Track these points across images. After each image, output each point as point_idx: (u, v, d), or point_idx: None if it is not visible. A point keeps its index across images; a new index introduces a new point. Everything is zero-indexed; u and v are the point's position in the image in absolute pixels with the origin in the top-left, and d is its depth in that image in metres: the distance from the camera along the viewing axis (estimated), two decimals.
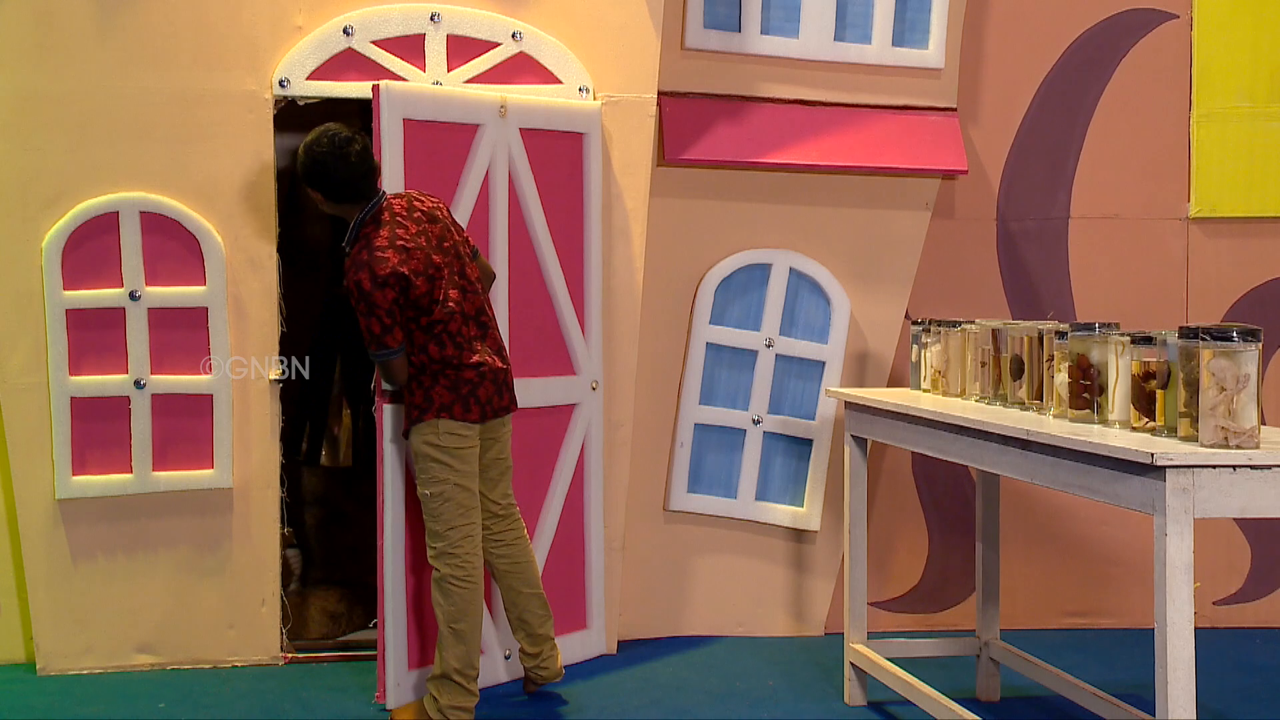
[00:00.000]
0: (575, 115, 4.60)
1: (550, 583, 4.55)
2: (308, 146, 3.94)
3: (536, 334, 4.54)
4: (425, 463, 3.98)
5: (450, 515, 3.97)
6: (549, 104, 4.54)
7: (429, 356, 3.97)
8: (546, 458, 4.57)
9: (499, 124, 4.45)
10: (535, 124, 4.51)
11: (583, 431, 4.65)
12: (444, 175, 4.34)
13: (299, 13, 4.58)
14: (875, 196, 4.99)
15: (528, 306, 4.52)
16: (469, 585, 3.97)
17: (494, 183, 4.44)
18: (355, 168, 3.92)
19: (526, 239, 4.52)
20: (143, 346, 4.51)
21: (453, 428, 3.97)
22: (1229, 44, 5.10)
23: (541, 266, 4.54)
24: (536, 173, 4.52)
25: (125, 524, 4.55)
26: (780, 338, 4.96)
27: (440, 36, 4.60)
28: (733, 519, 5.00)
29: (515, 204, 4.49)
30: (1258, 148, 5.12)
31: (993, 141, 5.14)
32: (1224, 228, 5.16)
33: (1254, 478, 2.83)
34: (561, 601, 4.61)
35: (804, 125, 4.93)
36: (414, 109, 4.28)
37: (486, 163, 4.42)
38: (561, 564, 4.63)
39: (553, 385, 4.57)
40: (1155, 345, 3.16)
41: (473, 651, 3.98)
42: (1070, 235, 5.16)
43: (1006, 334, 3.82)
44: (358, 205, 3.98)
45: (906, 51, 4.98)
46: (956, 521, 5.12)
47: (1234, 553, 5.17)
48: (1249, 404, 2.89)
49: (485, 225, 4.43)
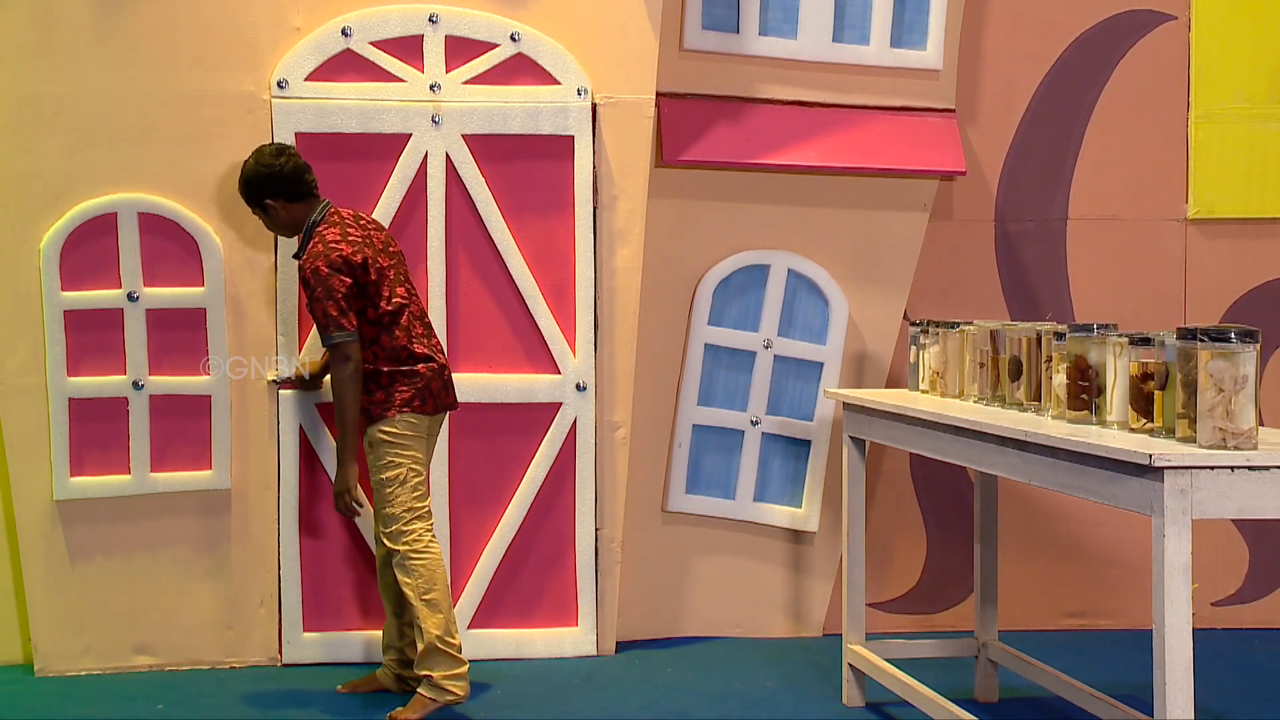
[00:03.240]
0: (551, 116, 4.64)
1: (509, 577, 4.65)
2: (253, 164, 4.17)
3: (500, 334, 4.65)
4: (381, 449, 4.13)
5: (405, 498, 4.11)
6: (508, 107, 4.59)
7: (380, 348, 4.12)
8: (515, 454, 4.60)
9: (432, 132, 4.51)
10: (488, 129, 4.59)
11: (565, 431, 4.67)
12: (357, 187, 4.51)
13: (297, 14, 4.58)
14: (873, 197, 4.99)
15: (484, 310, 4.65)
16: (427, 555, 4.10)
17: (429, 191, 4.57)
18: (297, 160, 4.18)
19: (482, 244, 4.61)
20: (141, 347, 4.51)
21: (410, 419, 4.12)
22: (1227, 45, 5.10)
23: (510, 271, 4.63)
24: (495, 178, 4.60)
25: (123, 525, 4.55)
26: (779, 338, 4.96)
27: (439, 38, 4.60)
28: (731, 520, 5.00)
29: (461, 211, 4.60)
30: (1256, 149, 5.12)
31: (991, 143, 5.14)
32: (1222, 229, 5.17)
33: (1252, 479, 2.83)
34: (530, 597, 4.68)
35: (802, 126, 4.93)
36: (314, 120, 4.46)
37: (412, 172, 4.54)
38: (528, 560, 4.70)
39: (528, 384, 4.61)
40: (1153, 346, 3.16)
41: (449, 620, 4.09)
42: (1068, 236, 5.16)
43: (1005, 335, 3.82)
44: (308, 204, 4.18)
45: (905, 53, 4.98)
46: (955, 522, 5.12)
47: (1232, 554, 5.17)
48: (1247, 405, 2.89)
49: (416, 234, 4.57)
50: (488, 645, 4.67)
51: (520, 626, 4.71)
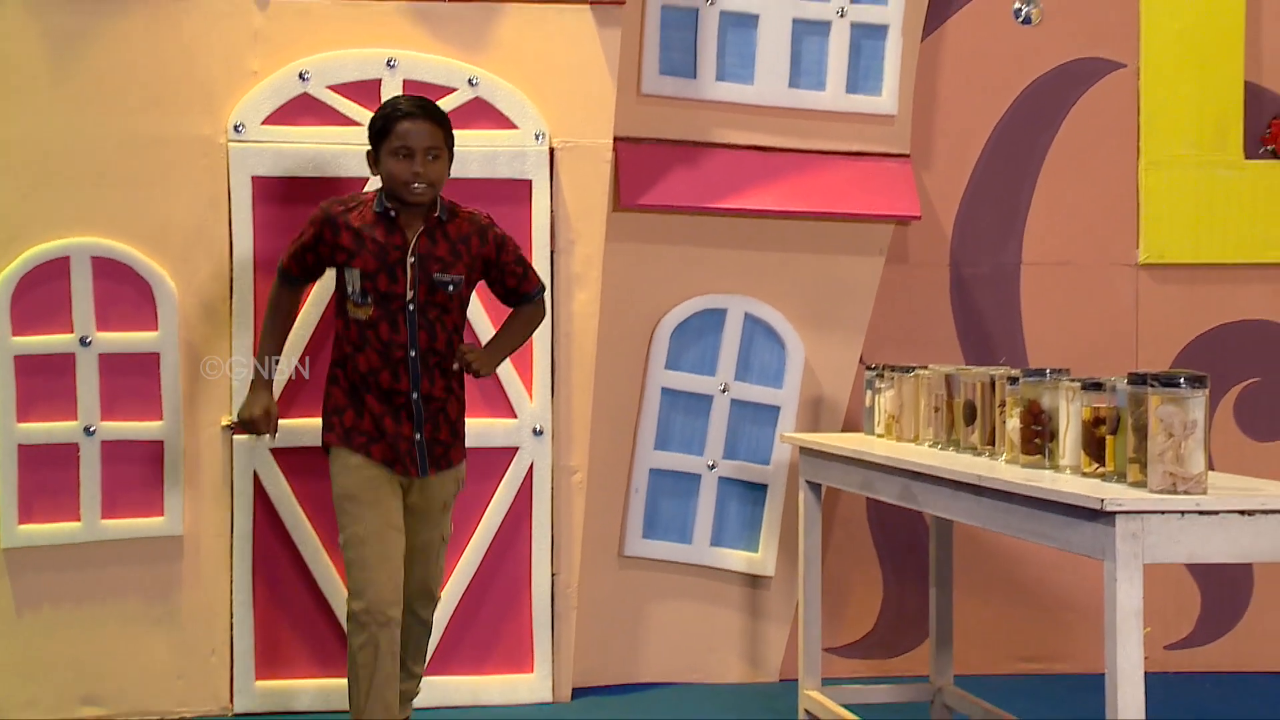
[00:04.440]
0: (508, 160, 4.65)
1: (465, 624, 4.62)
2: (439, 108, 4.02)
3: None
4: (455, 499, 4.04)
5: None
6: (465, 151, 4.54)
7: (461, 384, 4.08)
8: (471, 499, 4.59)
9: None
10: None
11: (521, 476, 4.66)
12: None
13: (255, 58, 4.58)
14: (829, 242, 5.02)
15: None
16: None
17: None
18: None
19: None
20: (93, 393, 4.47)
21: None
22: (1175, 93, 5.17)
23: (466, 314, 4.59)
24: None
25: (73, 573, 4.49)
26: (735, 383, 4.97)
27: (396, 82, 4.61)
28: (688, 564, 4.99)
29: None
30: (1204, 195, 5.18)
31: (945, 188, 5.19)
32: (1172, 274, 5.22)
33: (1201, 523, 2.85)
34: (486, 643, 4.65)
35: (759, 171, 4.96)
36: (270, 164, 4.44)
37: None
38: (483, 606, 4.67)
39: (484, 428, 4.59)
40: (1105, 391, 3.19)
41: None
42: (1022, 281, 5.21)
43: (959, 379, 3.85)
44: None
45: (860, 99, 5.02)
46: (911, 566, 5.13)
47: (1184, 597, 5.20)
48: (1196, 450, 2.92)
49: None
50: (441, 693, 4.63)
51: (475, 673, 4.68)
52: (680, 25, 4.94)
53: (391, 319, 3.86)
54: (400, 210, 3.88)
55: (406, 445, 3.88)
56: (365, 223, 3.89)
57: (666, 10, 4.91)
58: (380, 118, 3.91)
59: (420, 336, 3.88)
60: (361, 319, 3.86)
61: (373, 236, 3.87)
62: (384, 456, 3.88)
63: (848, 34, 4.99)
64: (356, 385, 3.89)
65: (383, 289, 3.86)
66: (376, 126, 3.90)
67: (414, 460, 3.89)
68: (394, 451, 3.87)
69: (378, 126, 3.90)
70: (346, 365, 3.90)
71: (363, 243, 3.87)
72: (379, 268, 3.86)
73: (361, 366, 3.87)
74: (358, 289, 3.85)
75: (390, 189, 3.88)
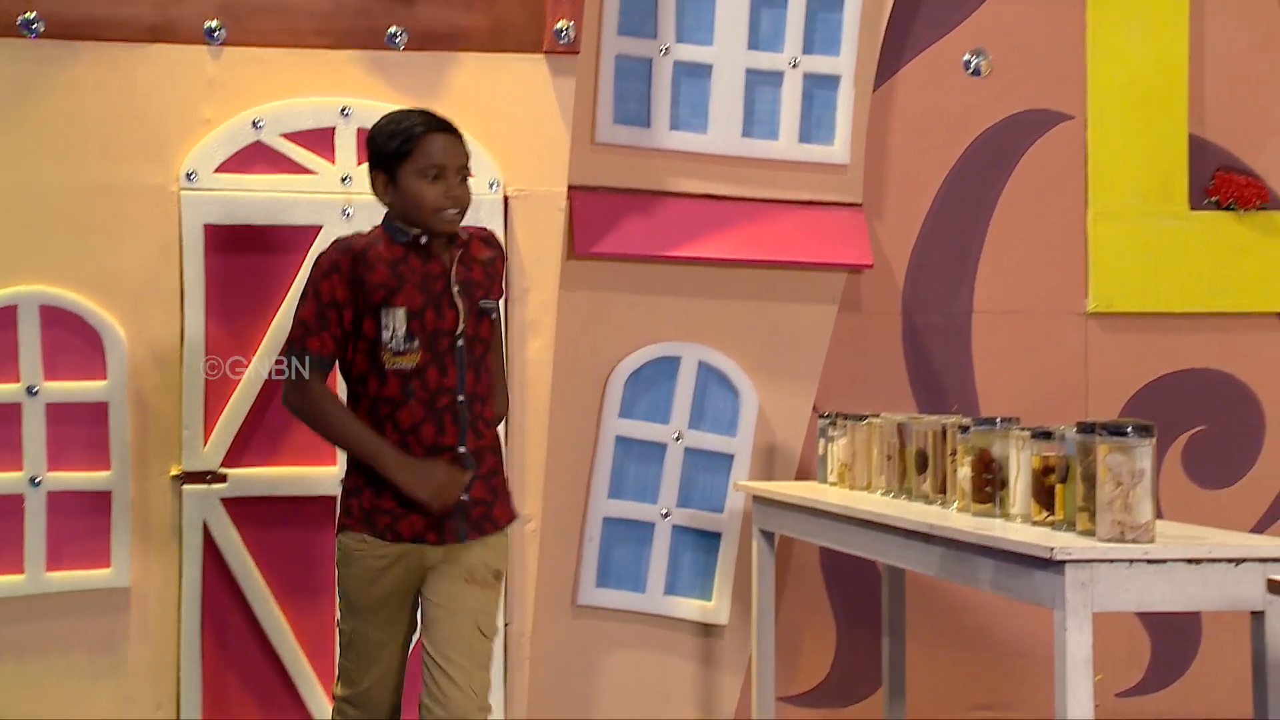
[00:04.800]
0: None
1: (419, 671, 4.53)
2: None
3: None
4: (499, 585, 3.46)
5: None
6: None
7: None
8: None
9: (344, 224, 4.45)
10: None
11: None
12: (266, 280, 4.43)
13: (208, 106, 4.57)
14: (783, 290, 5.04)
15: None
16: None
17: None
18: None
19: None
20: (39, 443, 4.41)
21: None
22: (1122, 144, 5.25)
23: None
24: None
25: (15, 627, 4.41)
26: (689, 431, 4.97)
27: (351, 130, 4.61)
28: (641, 613, 4.97)
29: None
30: (1151, 245, 5.25)
31: (898, 236, 5.23)
32: (1121, 323, 5.28)
33: (1149, 571, 2.88)
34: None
35: (713, 219, 4.99)
36: (223, 212, 4.38)
37: None
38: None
39: None
40: (1054, 440, 3.22)
41: None
42: (974, 329, 5.25)
43: (911, 428, 3.87)
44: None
45: (812, 148, 5.06)
46: (864, 615, 5.13)
47: (1135, 644, 5.22)
48: (1144, 499, 2.94)
49: None
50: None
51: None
52: (634, 75, 4.98)
53: (440, 361, 3.34)
54: (430, 237, 3.42)
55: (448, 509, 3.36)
56: (394, 255, 3.38)
57: (621, 60, 4.95)
58: (398, 135, 3.38)
59: (468, 377, 3.38)
60: (406, 368, 3.32)
61: (410, 268, 3.37)
62: (413, 532, 3.35)
63: (800, 84, 5.04)
64: None
65: (430, 326, 3.34)
66: (392, 147, 3.38)
67: (453, 528, 3.36)
68: (425, 521, 3.34)
69: (394, 147, 3.38)
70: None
71: (402, 276, 3.35)
72: (426, 302, 3.34)
73: (403, 422, 3.33)
74: (401, 332, 3.30)
75: (412, 216, 3.38)
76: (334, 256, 3.38)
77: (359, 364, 3.38)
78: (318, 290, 3.36)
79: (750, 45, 5.00)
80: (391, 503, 3.35)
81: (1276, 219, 5.29)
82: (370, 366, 3.35)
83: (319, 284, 3.36)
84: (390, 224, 3.44)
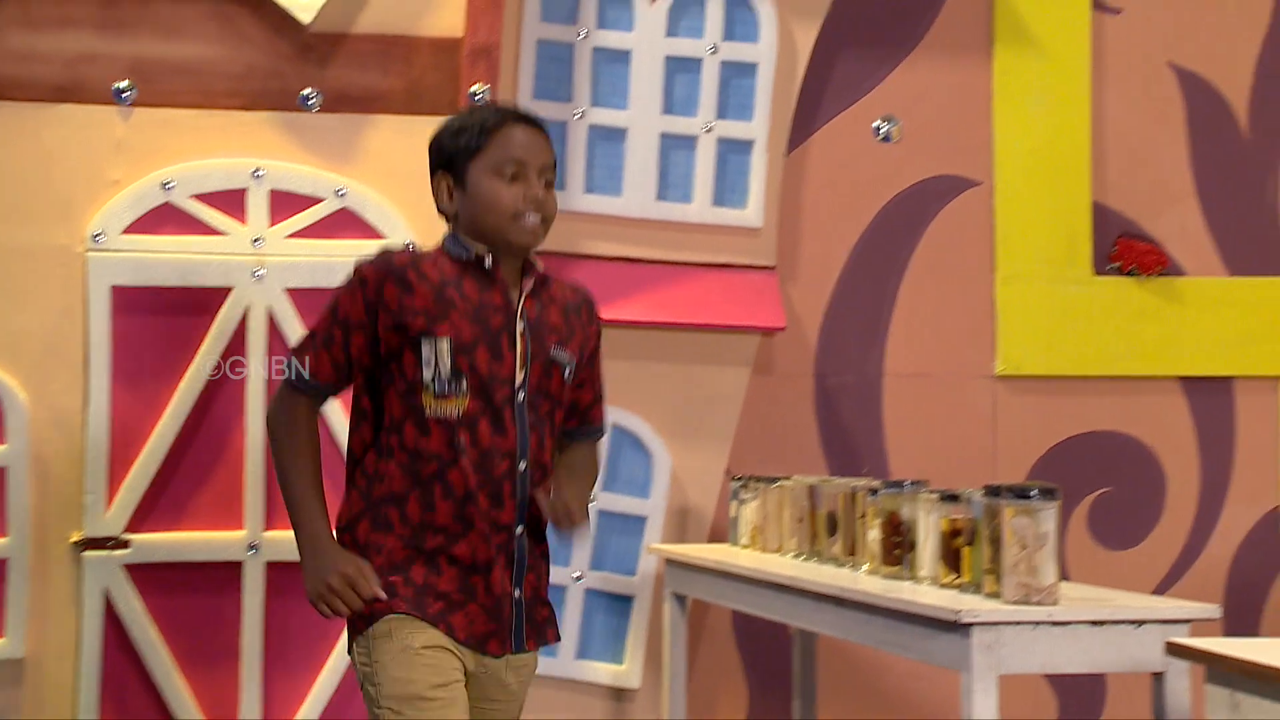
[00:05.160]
0: None
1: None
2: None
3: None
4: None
5: None
6: (332, 261, 4.53)
7: None
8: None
9: (254, 286, 4.45)
10: (312, 283, 4.48)
11: None
12: (175, 341, 4.40)
13: (116, 167, 4.52)
14: (696, 352, 5.06)
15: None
16: None
17: (249, 345, 4.45)
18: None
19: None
20: None
21: None
22: (1028, 209, 5.35)
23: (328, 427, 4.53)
24: None
25: None
26: (603, 493, 4.96)
27: (263, 192, 4.58)
28: (553, 678, 4.92)
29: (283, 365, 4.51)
30: (1056, 309, 5.34)
31: (810, 299, 5.27)
32: (1028, 385, 5.35)
33: (1054, 634, 2.90)
34: None
35: (627, 281, 5.01)
36: (131, 274, 4.35)
37: (232, 327, 4.45)
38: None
39: None
40: (962, 503, 3.25)
41: None
42: (885, 392, 5.30)
43: (821, 490, 3.89)
44: None
45: (726, 211, 5.11)
46: (776, 678, 5.12)
47: (1041, 705, 5.25)
48: (1048, 561, 2.98)
49: (234, 390, 4.44)
50: None
51: None
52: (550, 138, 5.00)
53: (495, 414, 2.67)
54: (498, 257, 2.77)
55: (506, 608, 2.72)
56: (445, 275, 2.73)
57: None
58: (469, 128, 2.75)
59: (530, 440, 2.71)
60: (451, 416, 2.65)
61: (461, 293, 2.72)
62: (469, 632, 2.68)
63: (714, 148, 5.09)
64: (427, 526, 2.66)
65: (484, 370, 2.68)
66: (461, 142, 2.75)
67: (511, 631, 2.73)
68: (486, 619, 2.70)
69: (462, 142, 2.75)
70: (409, 498, 2.67)
71: (448, 301, 2.70)
72: (477, 336, 2.69)
73: (457, 488, 2.66)
74: (446, 370, 2.64)
75: (481, 224, 2.75)
76: (365, 268, 2.75)
77: (394, 408, 2.69)
78: (337, 302, 2.77)
79: (665, 110, 5.05)
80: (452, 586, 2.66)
81: (1176, 285, 5.41)
82: (407, 411, 2.66)
83: (340, 295, 2.77)
84: (450, 238, 2.81)
